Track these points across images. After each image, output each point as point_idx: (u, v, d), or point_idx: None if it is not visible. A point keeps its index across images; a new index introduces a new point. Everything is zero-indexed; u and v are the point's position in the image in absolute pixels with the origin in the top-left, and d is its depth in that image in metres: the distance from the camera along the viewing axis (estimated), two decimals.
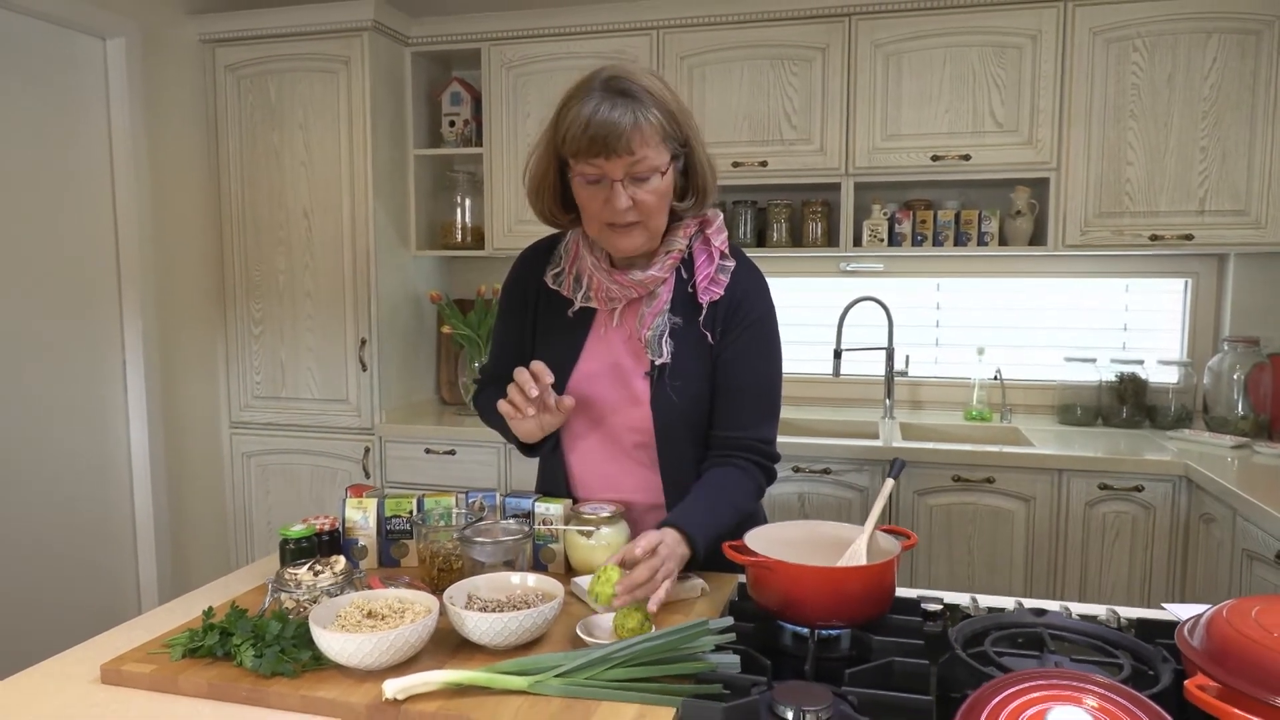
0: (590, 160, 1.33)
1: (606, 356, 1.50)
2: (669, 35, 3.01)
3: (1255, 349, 2.81)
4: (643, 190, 1.35)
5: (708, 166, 1.44)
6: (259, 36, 3.14)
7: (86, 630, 1.40)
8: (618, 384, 1.49)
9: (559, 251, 1.54)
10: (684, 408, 1.45)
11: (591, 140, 1.30)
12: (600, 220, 1.38)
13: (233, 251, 3.27)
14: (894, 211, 3.02)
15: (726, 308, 1.47)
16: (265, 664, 1.08)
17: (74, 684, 1.11)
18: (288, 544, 1.42)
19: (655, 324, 1.45)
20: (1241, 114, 2.64)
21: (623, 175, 1.33)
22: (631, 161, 1.32)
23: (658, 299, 1.46)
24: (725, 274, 1.48)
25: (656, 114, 1.33)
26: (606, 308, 1.50)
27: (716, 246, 1.48)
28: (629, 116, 1.30)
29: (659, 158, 1.35)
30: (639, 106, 1.32)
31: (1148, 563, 2.54)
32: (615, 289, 1.46)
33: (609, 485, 1.54)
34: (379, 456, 3.18)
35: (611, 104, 1.31)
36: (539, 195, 1.46)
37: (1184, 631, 0.99)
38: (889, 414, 3.15)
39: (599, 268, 1.46)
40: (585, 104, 1.32)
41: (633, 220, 1.37)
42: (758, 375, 1.48)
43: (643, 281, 1.45)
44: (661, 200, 1.39)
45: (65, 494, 2.82)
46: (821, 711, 0.95)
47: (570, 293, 1.51)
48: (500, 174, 3.21)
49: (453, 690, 1.04)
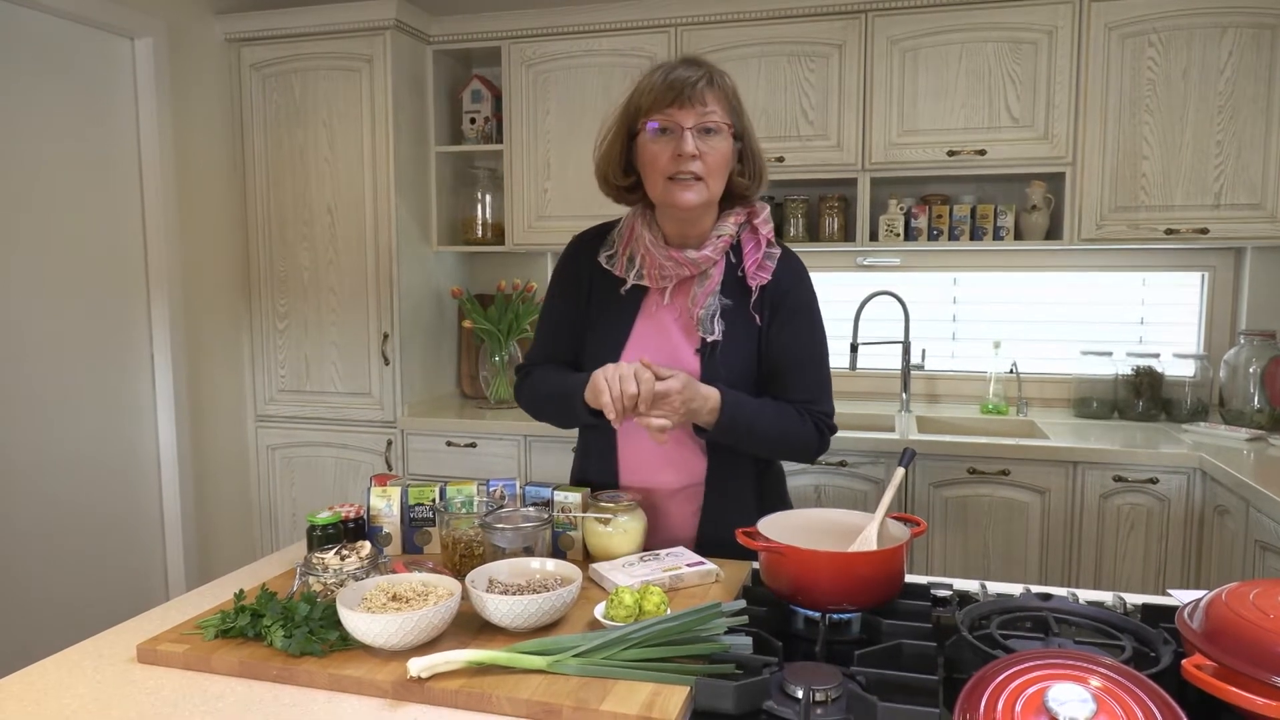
0: (664, 110, 1.43)
1: (656, 334, 1.57)
2: (687, 32, 3.03)
3: (1271, 342, 2.81)
4: (708, 144, 1.44)
5: (762, 156, 1.56)
6: (283, 36, 3.20)
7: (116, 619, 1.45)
8: (668, 360, 1.54)
9: (612, 236, 1.62)
10: (731, 384, 1.51)
11: (668, 87, 1.43)
12: (664, 174, 1.46)
13: (258, 248, 3.33)
14: (910, 206, 3.03)
15: (774, 293, 1.55)
16: (295, 644, 1.12)
17: (111, 663, 1.16)
18: (315, 530, 1.46)
19: (708, 303, 1.53)
20: (1257, 108, 2.64)
21: (692, 124, 1.43)
22: (703, 112, 1.43)
23: (710, 279, 1.54)
24: (772, 260, 1.56)
25: (727, 83, 1.48)
26: (658, 286, 1.56)
27: (763, 235, 1.57)
28: (703, 74, 1.44)
29: (725, 117, 1.46)
30: (712, 72, 1.46)
31: (1162, 554, 2.55)
32: (669, 265, 1.53)
33: (655, 463, 1.59)
34: (401, 449, 3.23)
35: (687, 66, 1.45)
36: (606, 160, 1.56)
37: (1184, 614, 1.01)
38: (905, 407, 3.17)
39: (655, 244, 1.53)
40: (662, 68, 1.47)
41: (695, 172, 1.44)
42: (810, 355, 1.58)
43: (695, 260, 1.52)
44: (722, 162, 1.47)
45: (94, 486, 2.89)
46: (831, 690, 0.98)
47: (623, 272, 1.58)
48: (520, 170, 3.25)
49: (475, 669, 1.07)
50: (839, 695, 0.99)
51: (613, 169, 1.55)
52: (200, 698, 1.06)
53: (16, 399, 2.63)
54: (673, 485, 1.59)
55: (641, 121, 1.46)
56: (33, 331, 2.68)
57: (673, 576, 1.35)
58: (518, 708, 1.01)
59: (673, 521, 1.61)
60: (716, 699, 0.99)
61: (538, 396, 1.64)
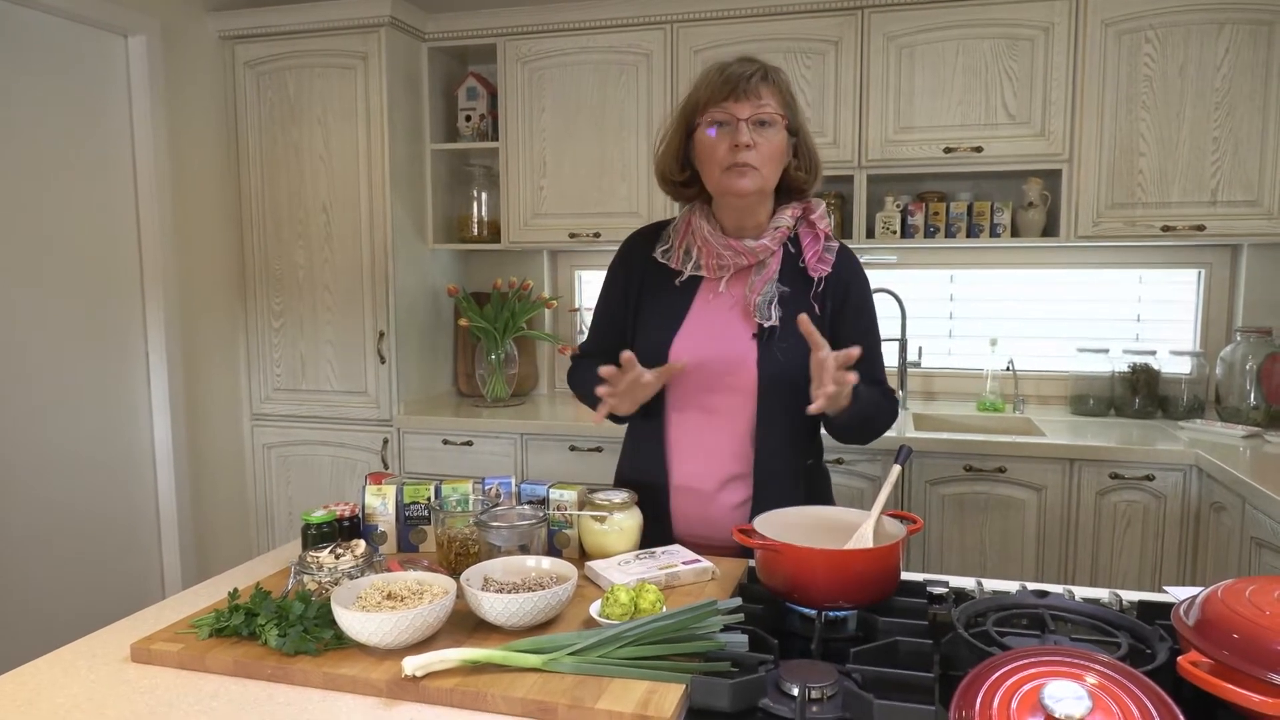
0: (721, 104, 1.49)
1: (712, 320, 1.60)
2: (683, 29, 3.03)
3: (1268, 339, 2.81)
4: (763, 135, 1.49)
5: (817, 151, 1.63)
6: (277, 33, 3.19)
7: (111, 617, 1.45)
8: (723, 345, 1.57)
9: (667, 232, 1.68)
10: (789, 370, 1.54)
11: (725, 81, 1.49)
12: (721, 165, 1.51)
13: (253, 246, 3.32)
14: (907, 203, 3.03)
15: (835, 286, 1.61)
16: (289, 643, 1.12)
17: (104, 663, 1.15)
18: (310, 528, 1.46)
19: (765, 290, 1.57)
20: (1254, 104, 2.64)
21: (748, 115, 1.48)
22: (758, 104, 1.49)
23: (768, 268, 1.59)
24: (831, 253, 1.62)
25: (781, 78, 1.54)
26: (715, 275, 1.61)
27: (821, 229, 1.63)
28: (758, 69, 1.51)
29: (780, 109, 1.51)
30: (767, 67, 1.53)
31: (1158, 551, 2.55)
32: (727, 255, 1.58)
33: (703, 450, 1.61)
34: (397, 447, 3.22)
35: (743, 63, 1.52)
36: (665, 157, 1.62)
37: (1180, 611, 1.01)
38: (902, 405, 3.17)
39: (714, 235, 1.59)
40: (718, 65, 1.53)
41: (752, 163, 1.49)
42: (874, 346, 1.65)
43: (754, 249, 1.57)
44: (776, 152, 1.52)
45: (90, 485, 2.89)
46: (827, 688, 0.98)
47: (679, 265, 1.64)
48: (516, 168, 3.24)
49: (469, 668, 1.07)
50: (835, 693, 0.99)
51: (670, 165, 1.61)
52: (194, 697, 1.06)
53: (10, 398, 2.63)
54: (720, 476, 1.60)
55: (699, 118, 1.53)
56: (26, 330, 2.67)
57: (668, 574, 1.34)
58: (513, 706, 1.01)
59: (719, 512, 1.61)
60: (712, 697, 0.99)
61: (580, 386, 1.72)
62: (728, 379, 1.57)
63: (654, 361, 1.55)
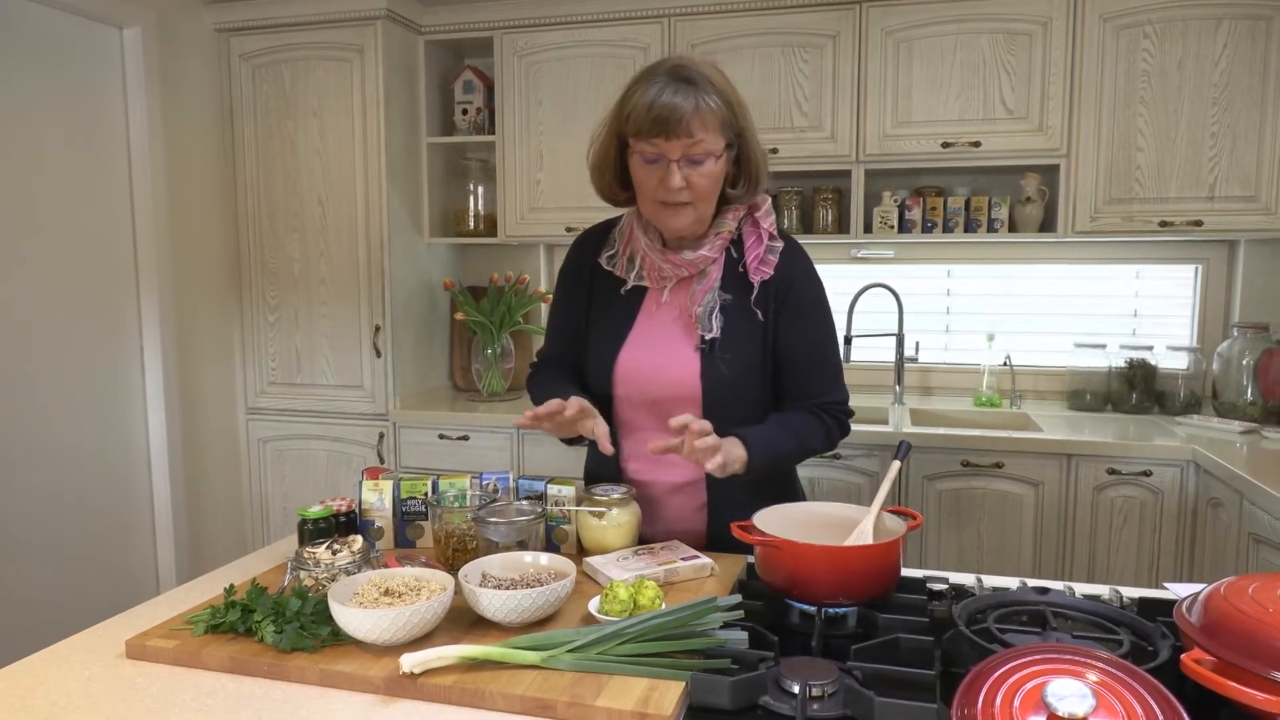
0: (650, 140, 1.41)
1: (656, 332, 1.56)
2: (680, 23, 3.01)
3: (1265, 335, 2.81)
4: (697, 173, 1.42)
5: (760, 156, 1.52)
6: (273, 25, 3.17)
7: (106, 613, 1.44)
8: (667, 358, 1.54)
9: (614, 234, 1.63)
10: (733, 380, 1.51)
11: (654, 121, 1.38)
12: (654, 198, 1.46)
13: (248, 239, 3.31)
14: (904, 198, 3.03)
15: (778, 287, 1.54)
16: (286, 639, 1.11)
17: (100, 658, 1.14)
18: (306, 524, 1.45)
19: (705, 300, 1.52)
20: (1251, 100, 2.64)
21: (679, 156, 1.41)
22: (690, 144, 1.40)
23: (708, 277, 1.53)
24: (774, 254, 1.55)
25: (717, 101, 1.41)
26: (657, 286, 1.57)
27: (765, 229, 1.56)
28: (690, 102, 1.38)
29: (715, 143, 1.42)
30: (700, 93, 1.39)
31: (1155, 547, 2.55)
32: (667, 268, 1.54)
33: (655, 460, 1.57)
34: (393, 442, 3.21)
35: (675, 89, 1.39)
36: (600, 173, 1.55)
37: (1182, 608, 1.01)
38: (899, 400, 3.17)
39: (652, 248, 1.54)
40: (650, 88, 1.40)
41: (684, 200, 1.44)
42: (823, 350, 1.58)
43: (693, 261, 1.52)
44: (713, 185, 1.46)
45: (84, 479, 2.87)
46: (827, 685, 0.98)
47: (623, 272, 1.58)
48: (513, 162, 3.23)
49: (468, 665, 1.06)
50: (835, 690, 0.98)
51: (611, 182, 1.54)
52: (190, 694, 1.05)
53: (4, 393, 2.61)
54: (675, 480, 1.58)
55: (631, 146, 1.45)
56: (20, 324, 2.65)
57: (667, 570, 1.34)
58: (511, 704, 1.01)
59: (674, 516, 1.60)
60: (712, 694, 0.99)
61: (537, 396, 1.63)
62: (673, 391, 1.53)
63: (602, 372, 1.56)
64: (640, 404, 1.57)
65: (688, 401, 1.53)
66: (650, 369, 1.55)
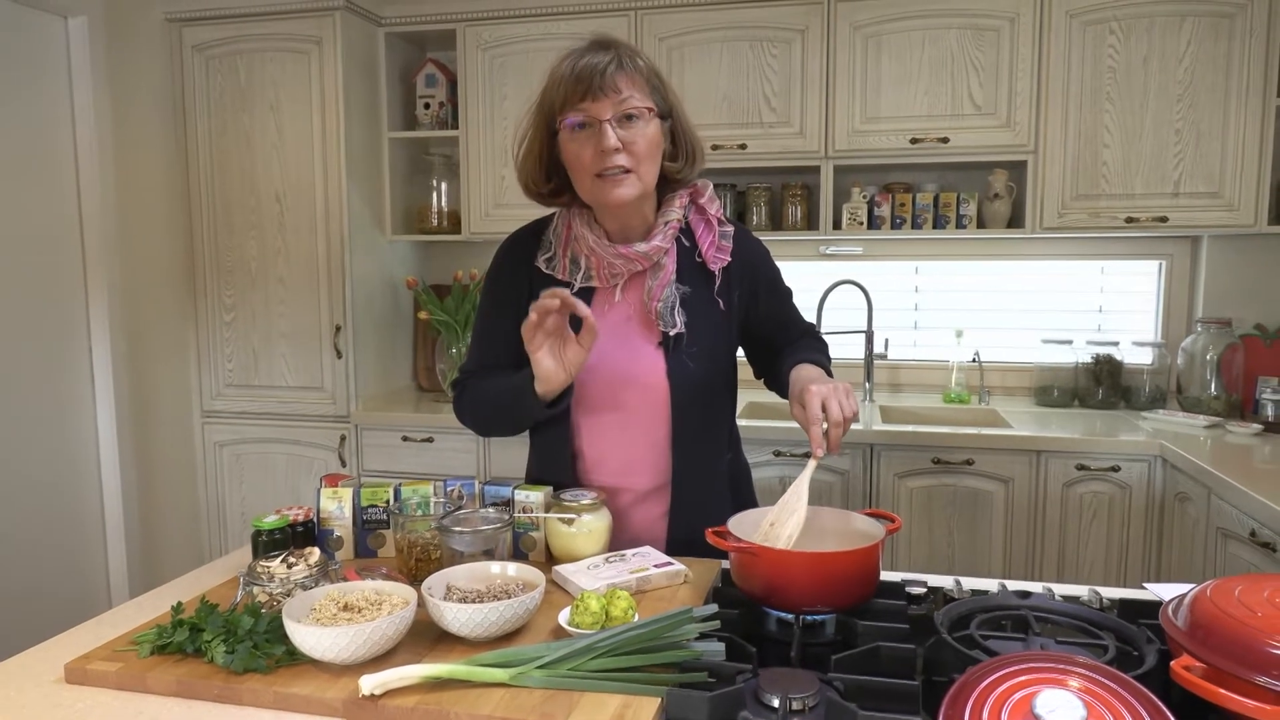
0: (578, 105, 1.34)
1: (612, 332, 1.48)
2: (647, 16, 2.97)
3: (1228, 330, 2.83)
4: (632, 131, 1.35)
5: (694, 131, 1.47)
6: (227, 15, 3.07)
7: (55, 624, 1.37)
8: (627, 358, 1.47)
9: (548, 236, 1.53)
10: (701, 374, 1.47)
11: (577, 80, 1.33)
12: (590, 172, 1.36)
13: (202, 236, 3.21)
14: (873, 195, 3.01)
15: (740, 271, 1.51)
16: (237, 660, 1.05)
17: (36, 684, 1.08)
18: (260, 535, 1.39)
19: (665, 295, 1.46)
20: (1215, 97, 2.65)
21: (610, 115, 1.34)
22: (619, 100, 1.33)
23: (664, 270, 1.47)
24: (728, 239, 1.51)
25: (641, 63, 1.38)
26: (608, 284, 1.49)
27: (713, 215, 1.51)
28: (612, 57, 1.34)
29: (644, 100, 1.36)
30: (622, 53, 1.36)
31: (1124, 542, 2.56)
32: (619, 263, 1.45)
33: (619, 464, 1.52)
34: (355, 445, 3.14)
35: (594, 53, 1.35)
36: (523, 162, 1.47)
37: (1168, 612, 0.99)
38: (869, 397, 3.15)
39: (599, 244, 1.45)
40: (570, 56, 1.36)
41: (623, 165, 1.35)
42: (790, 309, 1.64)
43: (646, 253, 1.44)
44: (650, 146, 1.38)
45: (32, 486, 2.76)
46: (808, 699, 0.94)
47: (567, 275, 1.49)
48: (477, 157, 3.16)
49: (432, 684, 1.01)
50: (817, 703, 0.94)
51: (534, 173, 1.45)
52: None
53: None
54: (638, 488, 1.53)
55: (559, 119, 1.37)
56: None
57: (639, 578, 1.30)
58: None
59: (637, 524, 1.55)
60: (689, 710, 0.95)
61: (481, 405, 1.54)
62: (636, 391, 1.47)
63: None
64: (602, 409, 1.50)
65: (653, 402, 1.48)
66: (611, 373, 1.48)
